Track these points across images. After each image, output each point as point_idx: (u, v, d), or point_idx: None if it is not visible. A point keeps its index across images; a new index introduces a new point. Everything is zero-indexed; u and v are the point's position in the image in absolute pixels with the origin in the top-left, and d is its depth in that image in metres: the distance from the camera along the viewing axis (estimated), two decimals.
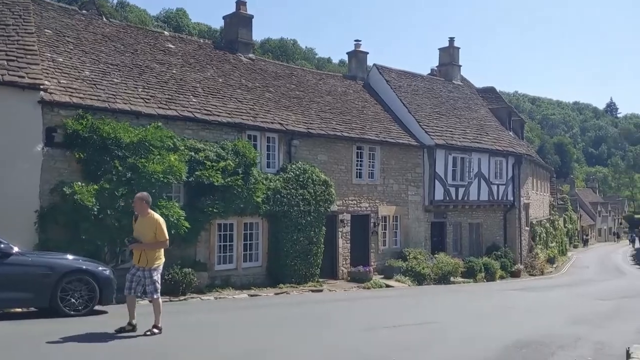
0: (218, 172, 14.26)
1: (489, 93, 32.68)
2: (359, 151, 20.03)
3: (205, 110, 15.75)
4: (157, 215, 8.01)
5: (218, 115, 15.81)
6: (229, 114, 16.24)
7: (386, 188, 21.04)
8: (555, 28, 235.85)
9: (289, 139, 17.50)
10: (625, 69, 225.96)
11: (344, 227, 19.26)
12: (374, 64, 25.49)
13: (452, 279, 20.55)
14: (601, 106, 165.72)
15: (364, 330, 9.28)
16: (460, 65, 30.23)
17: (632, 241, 67.27)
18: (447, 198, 23.24)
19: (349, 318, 10.90)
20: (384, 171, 20.95)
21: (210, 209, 14.25)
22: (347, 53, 25.95)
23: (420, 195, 22.44)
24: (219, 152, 14.78)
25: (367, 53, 25.26)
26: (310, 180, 17.11)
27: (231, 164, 14.64)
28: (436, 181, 22.65)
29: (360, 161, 20.10)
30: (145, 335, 7.64)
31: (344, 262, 19.19)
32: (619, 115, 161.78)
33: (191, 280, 13.45)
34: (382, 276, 19.27)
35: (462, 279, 21.21)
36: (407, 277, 19.06)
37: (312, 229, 16.88)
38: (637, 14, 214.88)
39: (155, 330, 7.75)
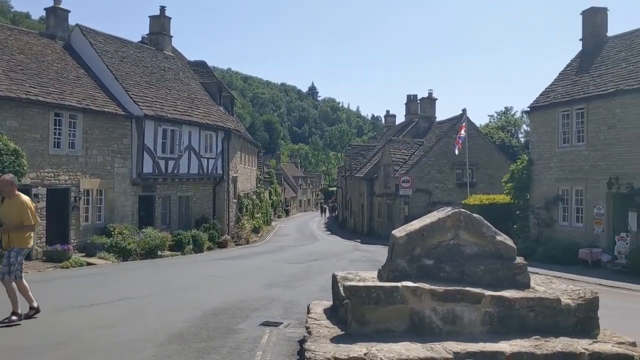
0: None
1: (200, 67, 33.04)
2: (58, 118, 18.22)
3: None
4: (24, 197, 7.64)
5: None
6: None
7: (89, 159, 19.61)
8: (265, 13, 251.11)
9: None
10: (325, 57, 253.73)
11: (39, 202, 17.35)
12: (77, 24, 23.31)
13: (159, 253, 20.36)
14: (304, 89, 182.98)
15: (54, 311, 8.48)
16: (172, 36, 29.73)
17: (323, 211, 76.17)
18: (157, 171, 22.79)
19: (38, 301, 9.82)
20: (87, 141, 19.47)
21: None
22: (45, 9, 23.16)
23: (127, 167, 21.52)
24: None
25: (69, 11, 22.87)
26: None
27: None
28: (145, 153, 22.00)
29: (59, 129, 18.31)
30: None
31: (39, 241, 17.33)
32: (319, 99, 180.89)
33: None
34: (83, 254, 18.05)
35: (170, 253, 21.17)
36: (112, 254, 18.22)
37: None
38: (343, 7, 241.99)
39: (14, 318, 7.34)
